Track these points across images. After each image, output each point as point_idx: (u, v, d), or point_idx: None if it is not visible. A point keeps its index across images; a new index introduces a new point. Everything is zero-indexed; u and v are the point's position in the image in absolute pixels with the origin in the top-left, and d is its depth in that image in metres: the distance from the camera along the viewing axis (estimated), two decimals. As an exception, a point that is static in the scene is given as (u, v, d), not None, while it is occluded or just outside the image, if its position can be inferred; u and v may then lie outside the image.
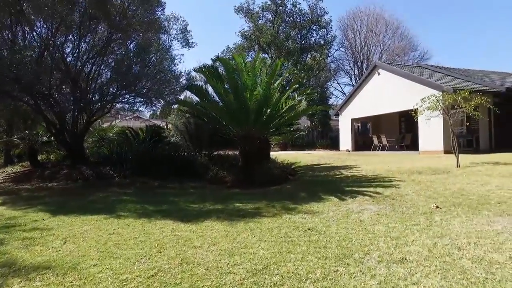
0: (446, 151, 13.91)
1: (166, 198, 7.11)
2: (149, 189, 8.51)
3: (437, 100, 8.99)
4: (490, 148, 15.00)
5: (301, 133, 26.89)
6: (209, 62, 19.78)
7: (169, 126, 20.73)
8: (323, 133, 28.83)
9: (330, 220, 4.58)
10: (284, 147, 26.06)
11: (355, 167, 10.58)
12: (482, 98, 8.61)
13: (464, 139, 16.17)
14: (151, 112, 30.66)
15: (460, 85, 14.05)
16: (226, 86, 8.12)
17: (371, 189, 6.57)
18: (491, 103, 11.28)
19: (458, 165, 8.66)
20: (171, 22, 10.82)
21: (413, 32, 44.60)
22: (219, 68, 11.24)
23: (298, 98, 8.70)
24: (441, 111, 9.01)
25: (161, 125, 14.18)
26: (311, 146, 29.32)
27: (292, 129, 11.26)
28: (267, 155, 11.31)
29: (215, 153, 12.11)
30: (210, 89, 8.73)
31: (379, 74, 18.26)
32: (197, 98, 9.77)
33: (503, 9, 49.55)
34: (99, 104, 10.47)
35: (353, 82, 32.42)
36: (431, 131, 14.32)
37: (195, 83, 9.05)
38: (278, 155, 15.82)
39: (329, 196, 6.17)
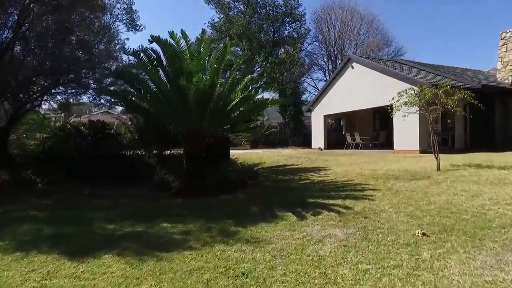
0: (422, 151, 13.02)
1: (83, 214, 5.56)
2: (73, 199, 6.90)
3: (416, 94, 7.88)
4: (465, 147, 14.29)
5: (272, 130, 25.65)
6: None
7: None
8: (295, 130, 27.71)
9: (277, 256, 3.24)
10: (254, 145, 24.73)
11: (325, 170, 9.38)
12: (466, 92, 7.57)
13: (440, 138, 15.41)
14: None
15: (436, 80, 13.16)
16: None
17: (339, 201, 5.30)
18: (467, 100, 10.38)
19: (438, 168, 7.60)
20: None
21: (387, 27, 44.43)
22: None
23: (254, 89, 7.30)
24: (420, 106, 7.92)
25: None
26: (283, 143, 28.18)
27: (253, 125, 9.85)
28: (224, 155, 9.88)
29: (167, 152, 10.58)
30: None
31: (352, 68, 17.23)
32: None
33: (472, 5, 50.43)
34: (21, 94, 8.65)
35: (327, 77, 31.48)
36: (407, 129, 13.39)
37: (132, 70, 7.45)
38: (244, 154, 14.47)
39: (286, 212, 4.84)
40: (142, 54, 6.36)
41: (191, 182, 7.17)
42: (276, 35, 30.29)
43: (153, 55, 6.47)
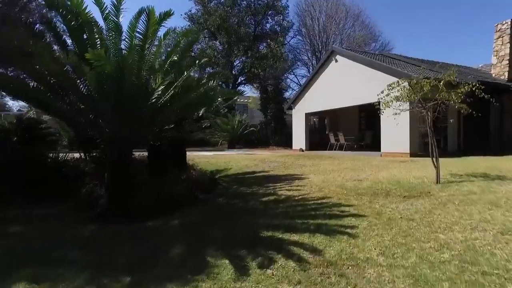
0: (413, 154, 11.50)
1: None
2: None
3: (411, 87, 6.25)
4: (459, 150, 12.86)
5: (251, 129, 23.91)
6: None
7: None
8: (277, 129, 26.04)
9: None
10: (232, 145, 22.94)
11: (299, 178, 7.69)
12: (474, 84, 5.98)
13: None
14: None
15: (430, 76, 11.64)
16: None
17: (306, 236, 3.60)
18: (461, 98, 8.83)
19: (438, 180, 5.99)
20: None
21: (374, 21, 43.00)
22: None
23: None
24: (416, 102, 6.27)
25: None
26: (264, 143, 26.49)
27: (205, 125, 8.06)
28: (177, 161, 8.09)
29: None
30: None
31: (336, 61, 15.61)
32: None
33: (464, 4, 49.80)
34: None
35: (311, 73, 29.92)
36: (396, 130, 11.85)
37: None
38: (213, 156, 12.70)
39: (223, 258, 3.14)
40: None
41: (117, 199, 5.35)
42: (257, 29, 28.57)
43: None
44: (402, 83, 6.45)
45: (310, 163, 10.38)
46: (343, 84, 15.08)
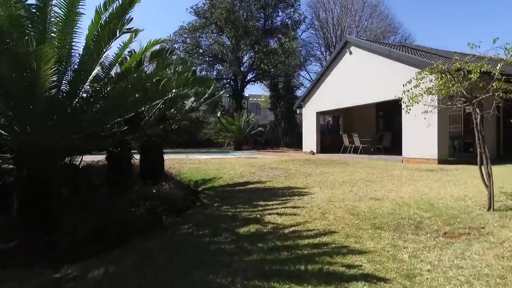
0: (442, 160, 9.64)
1: None
2: None
3: (451, 74, 4.49)
4: (498, 155, 10.88)
5: (259, 129, 22.27)
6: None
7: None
8: (287, 129, 24.34)
9: None
10: (238, 146, 21.38)
11: (300, 194, 6.04)
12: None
13: (460, 142, 12.04)
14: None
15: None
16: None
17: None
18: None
19: (491, 206, 4.23)
20: None
21: (394, 12, 40.25)
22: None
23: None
24: (460, 95, 4.51)
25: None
26: (274, 144, 24.86)
27: (175, 126, 6.46)
28: (151, 170, 6.58)
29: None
30: None
31: (351, 53, 13.81)
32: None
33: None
34: None
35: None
36: (421, 131, 10.02)
37: None
38: (209, 160, 11.18)
39: None
40: None
41: (32, 232, 3.85)
42: (267, 23, 26.89)
43: None
44: (438, 66, 4.69)
45: (318, 171, 8.69)
46: (358, 79, 13.28)
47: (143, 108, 3.77)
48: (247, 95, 43.73)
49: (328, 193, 6.00)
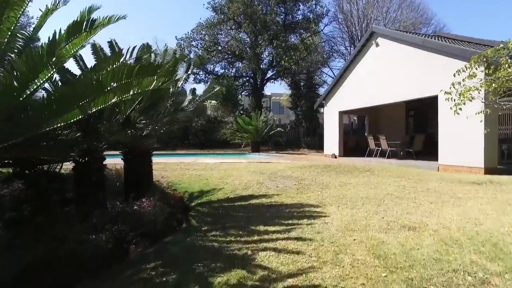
0: (490, 169, 8.05)
1: None
2: None
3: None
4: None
5: (278, 129, 20.98)
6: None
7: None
8: (309, 129, 22.92)
9: None
10: (256, 148, 20.20)
11: (310, 217, 4.79)
12: None
13: (510, 146, 10.28)
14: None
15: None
16: None
17: None
18: None
19: None
20: None
21: (426, 1, 37.01)
22: None
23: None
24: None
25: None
26: (295, 145, 23.49)
27: (147, 132, 5.33)
28: (134, 181, 5.53)
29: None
30: None
31: (377, 45, 12.30)
32: None
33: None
34: None
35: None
36: (461, 133, 8.46)
37: None
38: (214, 166, 10.07)
39: None
40: None
41: None
42: (288, 17, 25.53)
43: None
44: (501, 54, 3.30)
45: (337, 182, 7.37)
46: (386, 75, 11.78)
47: (95, 109, 2.67)
48: (269, 94, 42.53)
49: (347, 216, 4.72)
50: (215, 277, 2.97)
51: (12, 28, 2.63)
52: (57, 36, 2.30)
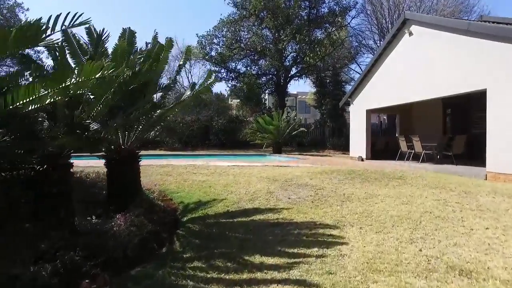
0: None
1: None
2: None
3: None
4: None
5: (301, 129, 19.74)
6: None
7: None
8: (335, 129, 21.52)
9: None
10: (277, 149, 19.05)
11: (324, 243, 3.70)
12: None
13: None
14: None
15: None
16: None
17: None
18: None
19: None
20: None
21: None
22: None
23: None
24: None
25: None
26: (320, 146, 22.15)
27: (108, 136, 4.39)
28: (116, 190, 4.67)
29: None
30: None
31: (411, 34, 10.85)
32: None
33: None
34: None
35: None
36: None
37: None
38: (225, 170, 9.09)
39: None
40: None
41: None
42: (312, 11, 24.16)
43: None
44: None
45: (362, 193, 6.17)
46: (420, 68, 10.36)
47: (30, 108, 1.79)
48: (295, 92, 41.20)
49: (371, 244, 3.59)
50: None
51: None
52: None
